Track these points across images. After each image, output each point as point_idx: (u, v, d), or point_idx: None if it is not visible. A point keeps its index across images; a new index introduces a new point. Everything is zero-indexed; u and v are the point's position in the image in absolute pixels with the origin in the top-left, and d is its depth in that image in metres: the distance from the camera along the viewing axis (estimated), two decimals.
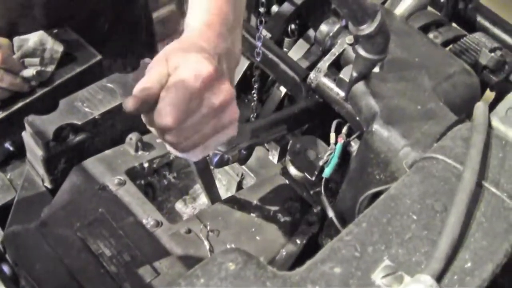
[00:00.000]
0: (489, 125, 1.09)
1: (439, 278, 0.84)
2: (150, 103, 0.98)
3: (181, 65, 1.00)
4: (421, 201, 0.95)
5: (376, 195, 1.10)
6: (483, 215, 0.94)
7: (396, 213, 0.93)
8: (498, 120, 1.10)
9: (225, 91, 1.02)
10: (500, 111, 1.11)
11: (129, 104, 0.96)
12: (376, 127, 1.21)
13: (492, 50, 1.73)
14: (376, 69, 1.30)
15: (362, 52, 1.20)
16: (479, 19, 1.92)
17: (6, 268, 1.30)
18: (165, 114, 0.97)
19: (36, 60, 1.55)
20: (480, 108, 1.09)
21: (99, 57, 1.69)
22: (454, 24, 1.97)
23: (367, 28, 1.13)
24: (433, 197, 0.96)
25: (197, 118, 1.01)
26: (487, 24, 1.91)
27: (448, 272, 0.86)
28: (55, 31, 1.65)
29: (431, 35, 1.72)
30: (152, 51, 2.18)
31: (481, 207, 0.95)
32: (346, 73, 1.32)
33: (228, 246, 1.36)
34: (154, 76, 1.00)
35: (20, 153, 1.59)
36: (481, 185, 0.97)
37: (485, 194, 0.97)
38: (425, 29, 1.72)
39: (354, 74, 1.28)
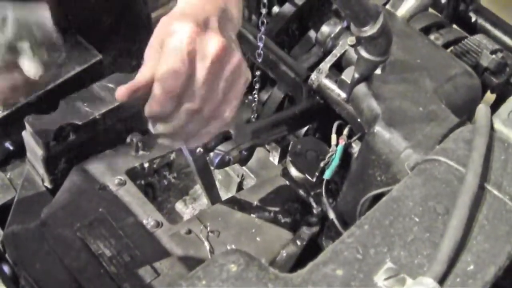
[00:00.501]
0: (491, 128, 1.09)
1: (441, 280, 0.84)
2: (144, 93, 0.98)
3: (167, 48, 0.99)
4: (423, 203, 0.95)
5: (377, 197, 1.10)
6: (485, 217, 0.94)
7: (398, 215, 0.93)
8: (500, 122, 1.09)
9: (216, 45, 0.99)
10: (503, 114, 1.11)
11: (119, 93, 0.97)
12: (378, 128, 1.21)
13: (493, 52, 1.73)
14: (378, 71, 1.30)
15: (364, 53, 1.20)
16: (480, 21, 1.92)
17: (6, 268, 1.30)
18: (156, 103, 0.97)
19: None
20: (482, 110, 1.09)
21: (99, 56, 1.69)
22: (455, 26, 1.98)
23: (370, 30, 1.13)
24: (435, 200, 0.96)
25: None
26: (488, 26, 1.91)
27: (451, 274, 0.86)
28: None
29: (432, 37, 1.72)
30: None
31: (483, 209, 0.95)
32: (348, 75, 1.32)
33: (229, 247, 1.37)
34: (147, 67, 0.99)
35: (20, 152, 1.59)
36: (483, 187, 0.97)
37: (487, 197, 0.97)
38: (426, 30, 1.72)
39: (356, 76, 1.28)
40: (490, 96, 1.79)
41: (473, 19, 1.94)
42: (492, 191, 0.97)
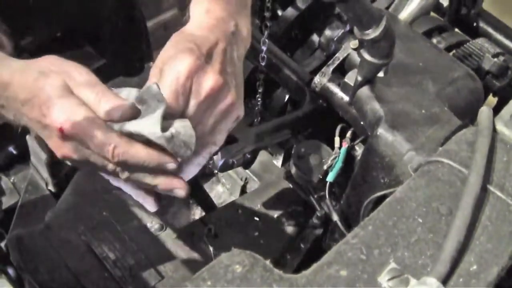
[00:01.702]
0: (494, 130, 1.10)
1: (444, 280, 0.84)
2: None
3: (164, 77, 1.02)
4: (427, 204, 0.96)
5: (381, 199, 1.10)
6: (488, 218, 0.94)
7: (402, 216, 0.94)
8: (502, 124, 1.10)
9: (211, 84, 1.03)
10: (505, 115, 1.12)
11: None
12: (381, 131, 1.22)
13: (495, 55, 1.74)
14: (381, 74, 1.30)
15: (367, 56, 1.21)
16: (482, 24, 1.94)
17: (11, 271, 1.31)
18: None
19: None
20: (484, 112, 1.09)
21: (103, 61, 1.70)
22: (457, 30, 1.99)
23: (373, 33, 1.13)
24: (439, 201, 0.96)
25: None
26: (489, 29, 1.93)
27: (454, 275, 0.86)
28: None
29: (434, 40, 1.73)
30: (149, 56, 2.20)
31: (486, 210, 0.95)
32: (351, 78, 1.32)
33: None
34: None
35: (23, 156, 1.60)
36: (486, 188, 0.98)
37: (490, 198, 0.97)
38: (429, 34, 1.73)
39: (359, 79, 1.29)
40: (492, 99, 1.80)
41: (475, 23, 1.96)
42: (495, 192, 0.97)
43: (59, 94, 0.96)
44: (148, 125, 0.97)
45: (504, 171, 1.01)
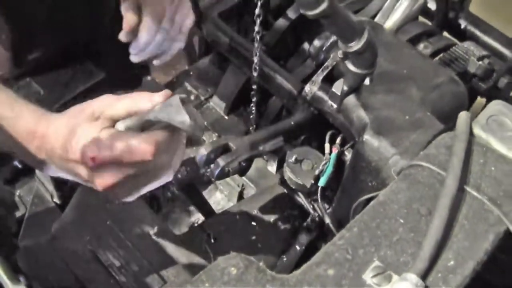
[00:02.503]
0: (471, 133, 1.15)
1: (424, 276, 0.90)
2: None
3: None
4: (408, 206, 1.01)
5: (369, 201, 1.14)
6: (465, 217, 0.99)
7: (385, 218, 0.99)
8: (479, 128, 1.15)
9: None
10: (481, 120, 1.16)
11: None
12: (367, 137, 1.26)
13: (480, 58, 1.77)
14: (367, 82, 1.33)
15: (351, 67, 1.25)
16: (470, 27, 1.95)
17: (22, 279, 1.35)
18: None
19: None
20: (462, 117, 1.14)
21: (102, 75, 1.74)
22: (446, 33, 2.03)
23: (356, 45, 1.17)
24: (419, 202, 1.02)
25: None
26: (477, 32, 1.95)
27: (433, 270, 0.92)
28: None
29: (421, 45, 1.76)
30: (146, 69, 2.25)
31: (463, 210, 1.00)
32: (338, 87, 1.36)
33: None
34: None
35: (28, 170, 1.63)
36: (463, 189, 1.03)
37: (467, 198, 1.02)
38: (416, 39, 1.76)
39: (345, 88, 1.33)
40: (481, 100, 1.84)
41: (462, 26, 1.99)
42: (471, 192, 1.03)
43: (82, 126, 1.03)
44: (172, 111, 1.01)
45: (480, 173, 1.07)
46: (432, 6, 1.98)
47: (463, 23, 1.97)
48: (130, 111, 1.04)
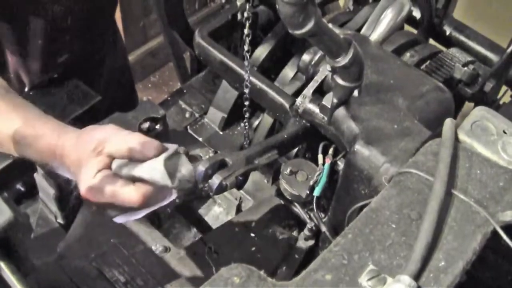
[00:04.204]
0: (457, 139, 1.19)
1: (417, 277, 0.94)
2: None
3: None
4: (399, 211, 1.06)
5: (362, 208, 1.16)
6: (453, 219, 1.04)
7: (377, 224, 1.04)
8: (464, 133, 1.19)
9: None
10: (466, 126, 1.20)
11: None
12: (358, 147, 1.31)
13: (465, 64, 1.82)
14: (355, 94, 1.37)
15: (339, 81, 1.29)
16: (454, 33, 2.01)
17: None
18: None
19: None
20: (447, 124, 1.19)
21: (98, 97, 1.78)
22: (431, 40, 2.07)
23: (342, 60, 1.21)
24: (409, 207, 1.06)
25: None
26: (462, 38, 1.99)
27: (425, 271, 0.96)
28: None
29: (407, 54, 1.80)
30: (132, 92, 2.30)
31: (451, 212, 1.05)
32: (328, 100, 1.40)
33: None
34: None
35: (30, 193, 1.65)
36: (451, 193, 1.07)
37: (454, 201, 1.07)
38: (402, 49, 1.80)
39: (335, 101, 1.36)
40: (469, 105, 1.88)
41: (447, 33, 2.03)
42: (458, 195, 1.07)
43: (85, 160, 1.16)
44: (155, 173, 1.13)
45: (466, 176, 1.11)
46: (417, 14, 2.03)
47: (448, 30, 2.03)
48: (125, 152, 1.15)
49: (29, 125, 1.22)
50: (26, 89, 1.77)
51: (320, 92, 1.53)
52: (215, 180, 1.34)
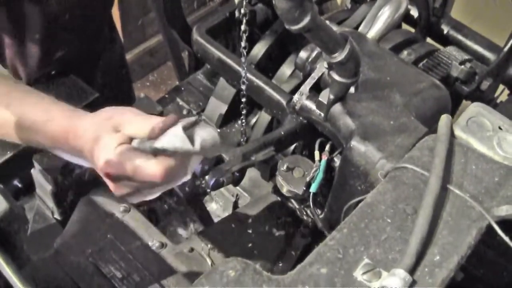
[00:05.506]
0: (453, 135, 1.20)
1: (412, 271, 0.95)
2: None
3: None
4: (394, 206, 1.06)
5: (358, 204, 1.17)
6: (448, 214, 1.04)
7: (373, 218, 1.04)
8: (460, 129, 1.20)
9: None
10: (462, 122, 1.21)
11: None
12: (354, 143, 1.31)
13: (462, 62, 1.82)
14: (352, 90, 1.38)
15: (336, 77, 1.29)
16: (452, 32, 2.00)
17: None
18: None
19: None
20: (443, 120, 1.19)
21: (96, 94, 1.78)
22: (429, 39, 2.07)
23: (339, 56, 1.22)
24: (405, 202, 1.07)
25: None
26: (459, 36, 1.99)
27: (420, 265, 0.96)
28: None
29: (405, 52, 1.80)
30: (129, 90, 2.30)
31: (446, 207, 1.05)
32: (324, 96, 1.40)
33: None
34: None
35: (27, 189, 1.65)
36: (446, 188, 1.08)
37: (450, 196, 1.07)
38: (400, 47, 1.80)
39: (331, 97, 1.37)
40: (468, 103, 1.88)
41: (445, 31, 2.04)
42: (454, 190, 1.08)
43: (104, 137, 1.13)
44: (176, 140, 1.10)
45: (462, 171, 1.12)
46: (414, 13, 2.03)
47: (445, 29, 2.02)
48: (146, 132, 1.12)
49: (40, 109, 1.21)
50: None
51: (317, 89, 1.53)
52: (212, 176, 1.35)
